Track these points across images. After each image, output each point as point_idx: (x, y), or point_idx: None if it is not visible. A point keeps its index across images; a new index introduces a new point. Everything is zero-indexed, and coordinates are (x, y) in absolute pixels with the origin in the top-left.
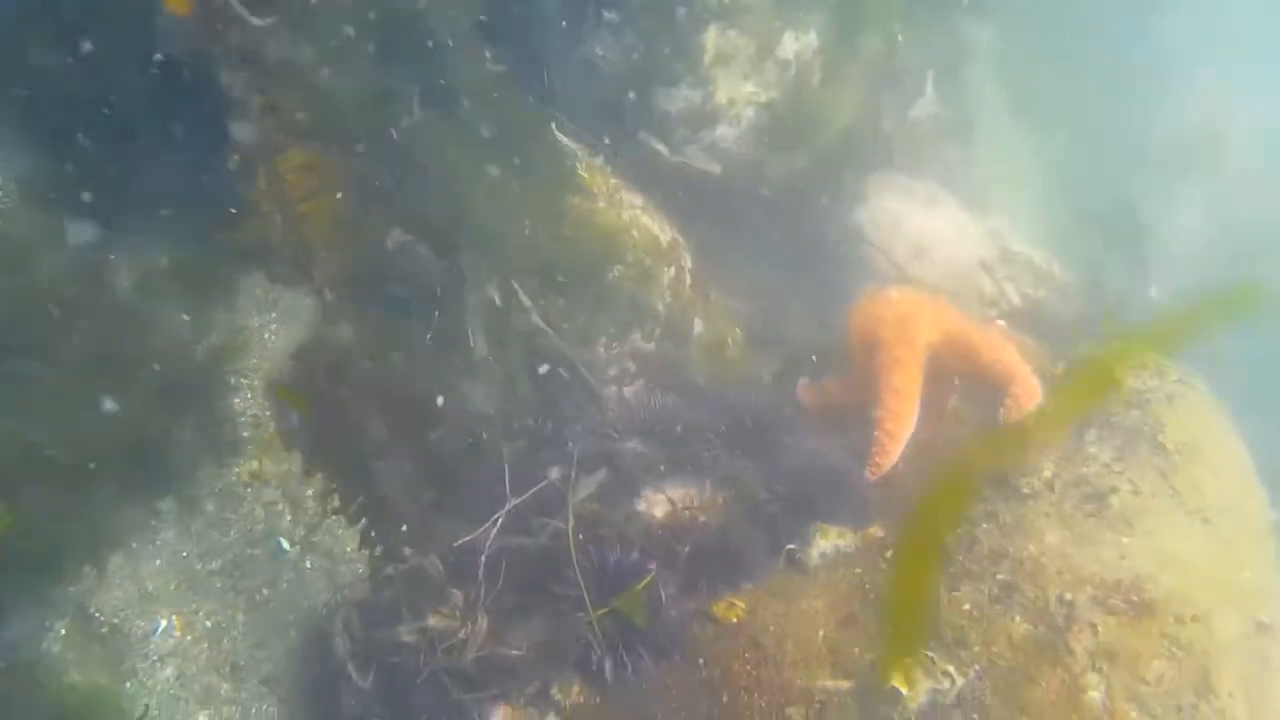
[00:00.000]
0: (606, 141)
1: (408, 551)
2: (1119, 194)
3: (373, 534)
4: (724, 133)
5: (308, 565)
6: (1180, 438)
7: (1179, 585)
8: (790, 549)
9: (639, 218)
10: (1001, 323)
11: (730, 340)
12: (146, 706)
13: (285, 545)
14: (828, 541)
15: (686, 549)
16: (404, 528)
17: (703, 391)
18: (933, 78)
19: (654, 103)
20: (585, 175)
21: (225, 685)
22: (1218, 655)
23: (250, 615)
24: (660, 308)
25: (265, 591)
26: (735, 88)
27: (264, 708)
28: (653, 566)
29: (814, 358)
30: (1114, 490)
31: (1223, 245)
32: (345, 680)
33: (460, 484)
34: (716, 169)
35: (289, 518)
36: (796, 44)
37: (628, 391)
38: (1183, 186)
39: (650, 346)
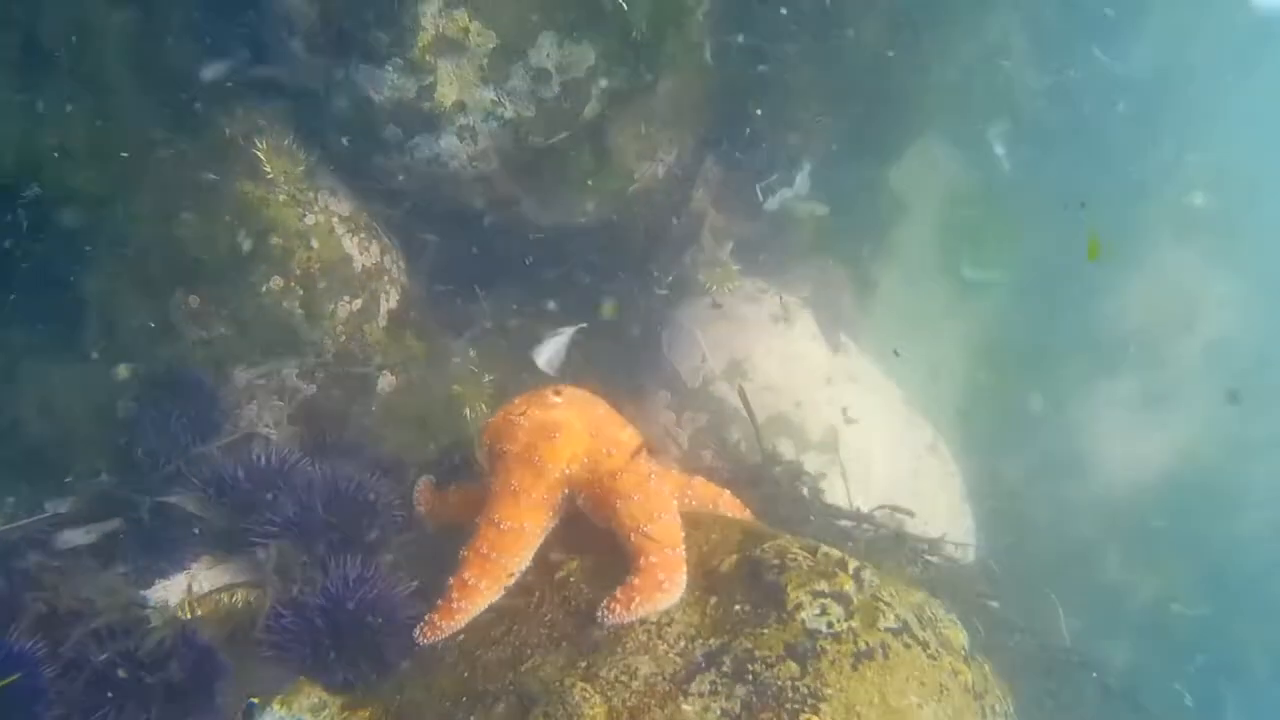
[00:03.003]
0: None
1: None
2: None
3: None
4: (451, 147)
5: None
6: None
7: None
8: (251, 703)
9: (329, 226)
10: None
11: (445, 409)
12: None
13: None
14: (288, 710)
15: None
16: None
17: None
18: (810, 170)
19: (354, 82)
20: (263, 155)
21: None
22: None
23: None
24: (328, 343)
25: None
26: (468, 91)
27: None
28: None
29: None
30: None
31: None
32: None
33: None
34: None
35: None
36: (561, 53)
37: (271, 434)
38: (1110, 387)
39: (311, 389)
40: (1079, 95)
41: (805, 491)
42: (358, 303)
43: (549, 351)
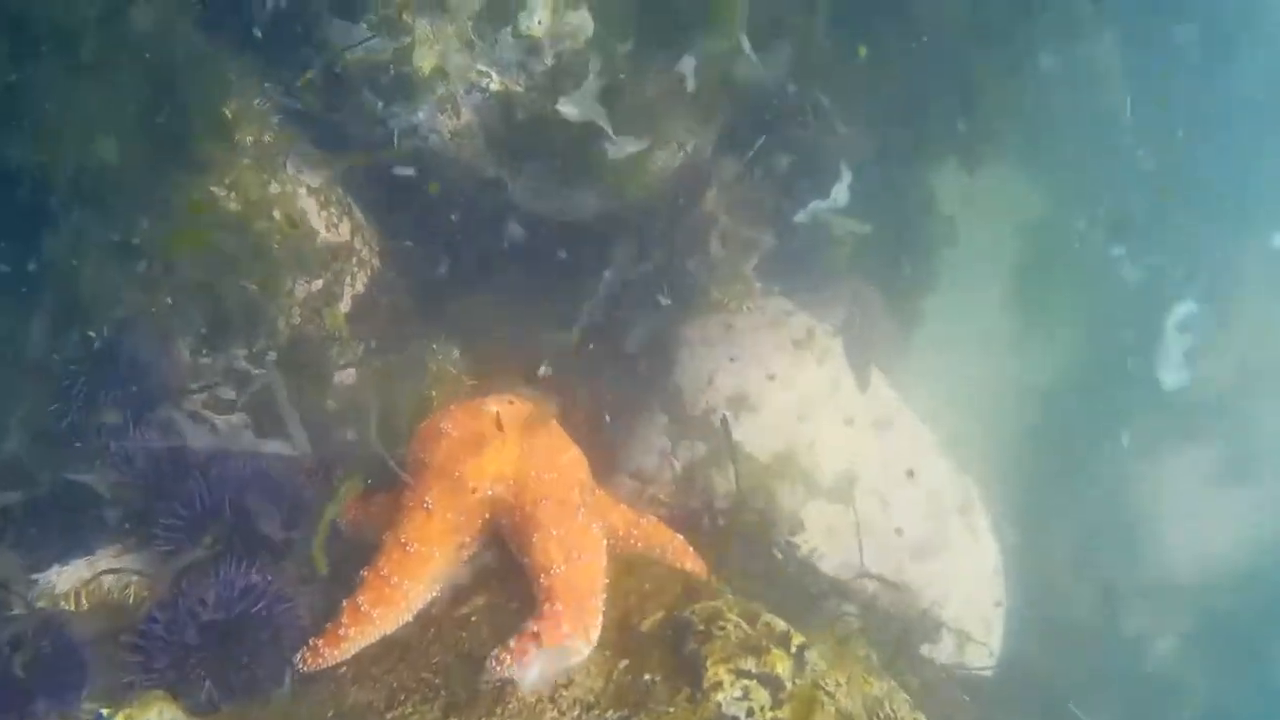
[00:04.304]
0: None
1: None
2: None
3: None
4: (430, 119)
5: None
6: None
7: None
8: (99, 714)
9: (296, 196)
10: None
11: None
12: None
13: None
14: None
15: None
16: None
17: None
18: (849, 181)
19: (324, 33)
20: (231, 115)
21: None
22: None
23: None
24: (282, 325)
25: None
26: (450, 57)
27: None
28: None
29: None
30: None
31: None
32: None
33: None
34: None
35: None
36: (554, 21)
37: (218, 420)
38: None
39: (258, 371)
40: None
41: (777, 552)
42: (318, 283)
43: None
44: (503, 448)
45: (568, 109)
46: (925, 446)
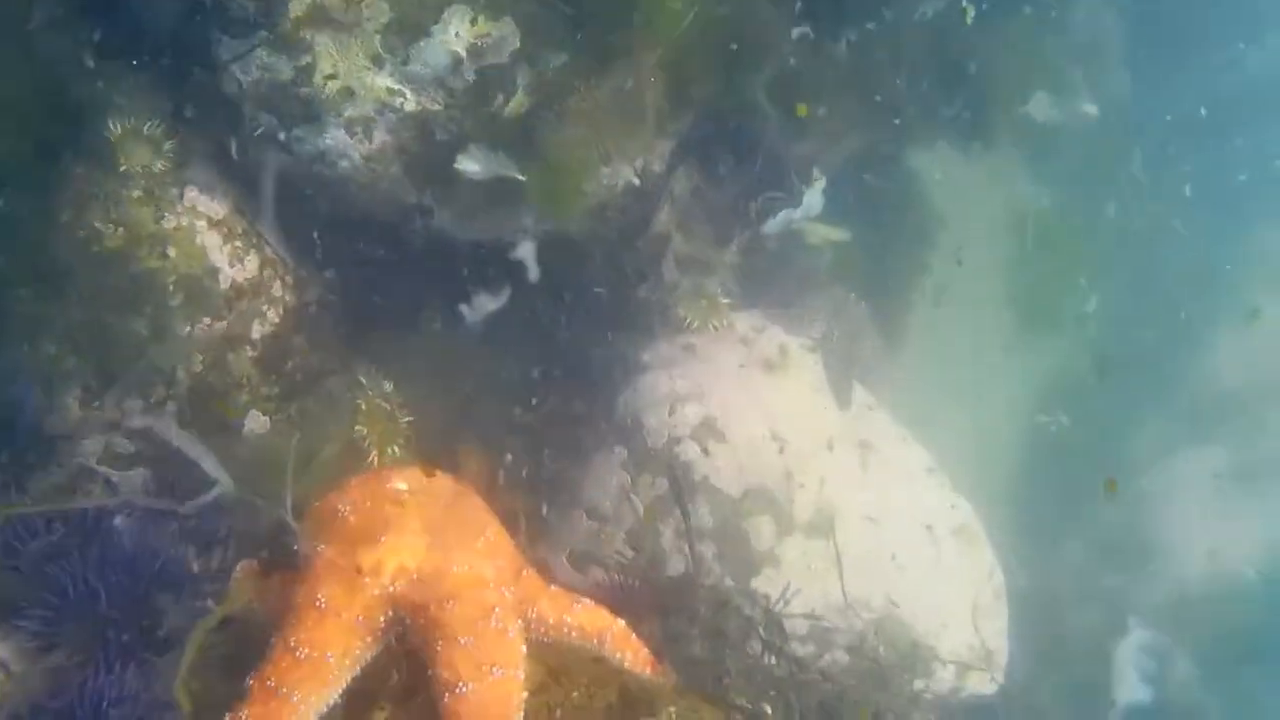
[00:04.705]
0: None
1: None
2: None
3: None
4: (339, 143)
5: None
6: None
7: None
8: None
9: (192, 231)
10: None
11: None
12: None
13: None
14: None
15: None
16: None
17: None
18: (824, 185)
19: (220, 59)
20: (115, 139)
21: None
22: None
23: None
24: (181, 374)
25: None
26: (359, 75)
27: None
28: None
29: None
30: None
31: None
32: None
33: None
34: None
35: None
36: (475, 32)
37: (115, 477)
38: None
39: (156, 423)
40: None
41: (732, 626)
42: (221, 325)
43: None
44: (406, 535)
45: (467, 165)
46: (915, 468)
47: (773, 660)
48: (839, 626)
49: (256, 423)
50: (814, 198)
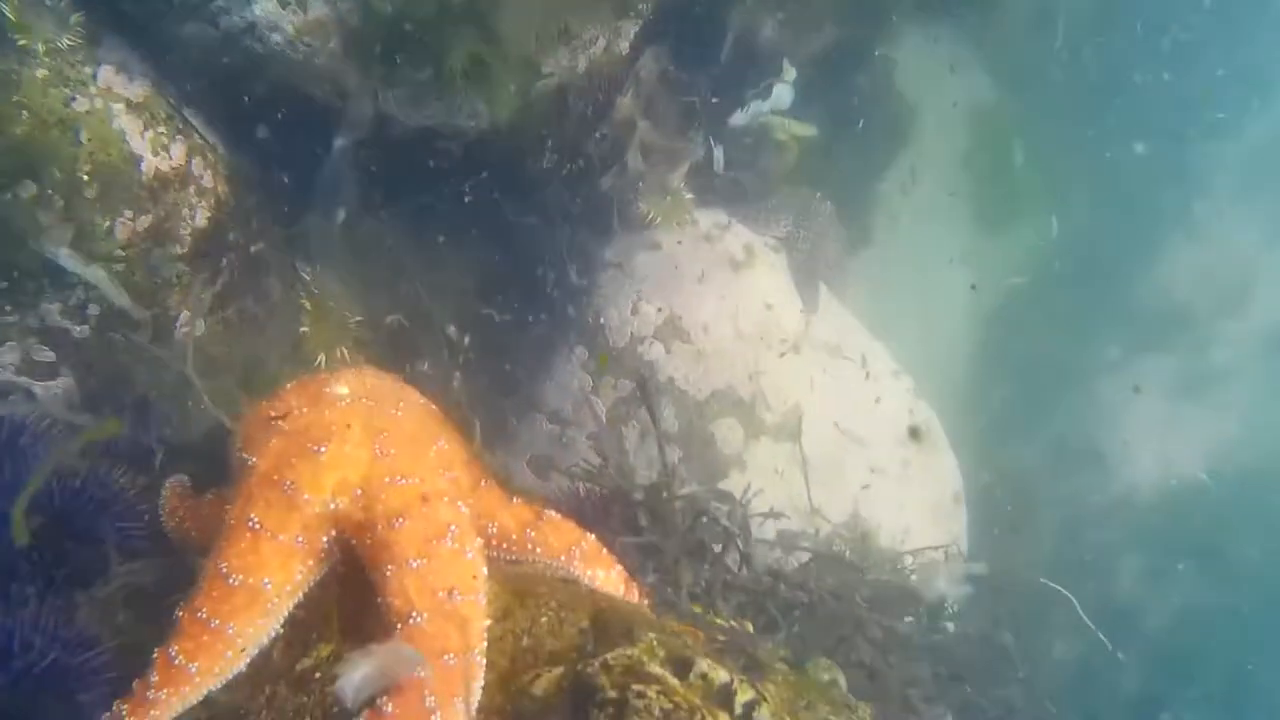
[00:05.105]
0: None
1: None
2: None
3: None
4: (269, 15)
5: None
6: None
7: None
8: None
9: (107, 115)
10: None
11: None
12: None
13: None
14: None
15: None
16: None
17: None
18: (795, 77)
19: None
20: (12, 8)
21: None
22: None
23: None
24: (101, 273)
25: None
26: None
27: None
28: None
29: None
30: None
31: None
32: None
33: None
34: None
35: None
36: None
37: (36, 387)
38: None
39: (83, 330)
40: None
41: (706, 537)
42: (145, 219)
43: None
44: (347, 446)
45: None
46: (880, 370)
47: (751, 572)
48: (806, 530)
49: (190, 326)
50: (783, 91)
